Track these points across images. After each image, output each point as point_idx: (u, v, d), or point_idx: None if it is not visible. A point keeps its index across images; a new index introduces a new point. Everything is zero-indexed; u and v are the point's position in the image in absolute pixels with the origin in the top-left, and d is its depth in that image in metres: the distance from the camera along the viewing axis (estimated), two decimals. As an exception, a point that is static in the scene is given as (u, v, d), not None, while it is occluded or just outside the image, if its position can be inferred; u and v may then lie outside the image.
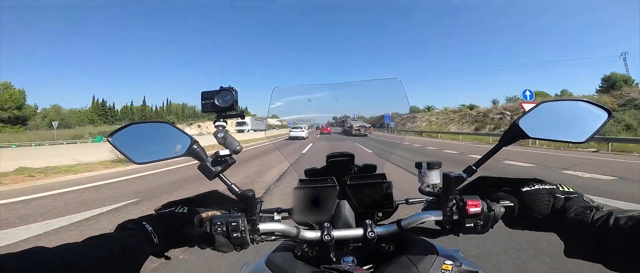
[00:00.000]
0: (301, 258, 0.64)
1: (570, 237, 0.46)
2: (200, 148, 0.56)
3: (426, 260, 0.57)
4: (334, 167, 0.77)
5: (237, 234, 0.52)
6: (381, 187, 0.71)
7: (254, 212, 0.54)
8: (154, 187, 5.69)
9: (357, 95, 0.94)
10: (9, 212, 4.10)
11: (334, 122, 2.31)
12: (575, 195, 0.51)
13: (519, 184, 0.57)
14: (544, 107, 0.56)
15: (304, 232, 0.59)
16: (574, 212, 0.47)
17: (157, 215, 0.55)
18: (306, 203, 0.68)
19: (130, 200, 4.57)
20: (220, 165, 0.56)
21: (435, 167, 0.65)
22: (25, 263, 0.33)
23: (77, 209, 4.13)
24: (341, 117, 2.17)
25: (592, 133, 0.53)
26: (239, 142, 0.57)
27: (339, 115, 1.45)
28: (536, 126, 0.54)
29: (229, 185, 0.56)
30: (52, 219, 3.69)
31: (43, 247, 0.36)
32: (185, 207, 0.58)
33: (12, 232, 3.27)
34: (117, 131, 0.56)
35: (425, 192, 0.64)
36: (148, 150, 0.57)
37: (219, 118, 0.59)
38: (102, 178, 6.69)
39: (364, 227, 0.60)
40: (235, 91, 0.59)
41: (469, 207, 0.52)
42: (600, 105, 0.55)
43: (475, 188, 0.60)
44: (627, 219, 0.40)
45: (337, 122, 2.36)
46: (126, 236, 0.46)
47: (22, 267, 0.32)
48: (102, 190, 5.42)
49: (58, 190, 5.47)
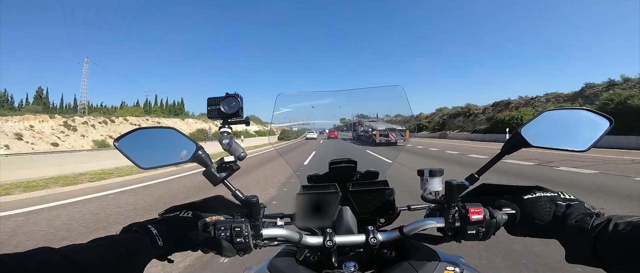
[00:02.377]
0: (303, 263, 0.64)
1: (570, 243, 0.47)
2: (205, 154, 0.56)
3: (428, 266, 0.57)
4: (337, 173, 0.77)
5: (240, 239, 0.52)
6: (383, 193, 0.71)
7: (257, 217, 0.54)
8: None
9: (359, 101, 0.95)
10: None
11: (344, 125, 1.70)
12: (576, 202, 0.52)
13: (520, 192, 0.57)
14: (546, 115, 0.57)
15: (306, 238, 0.60)
16: (574, 219, 0.47)
17: (162, 219, 0.55)
18: (309, 209, 0.69)
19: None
20: (225, 171, 0.57)
21: (437, 174, 0.65)
22: (31, 263, 0.33)
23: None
24: (353, 119, 1.66)
25: (593, 141, 0.54)
26: (244, 149, 0.58)
27: (348, 116, 1.28)
28: (538, 135, 0.55)
29: (233, 190, 0.56)
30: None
31: (48, 248, 0.37)
32: (190, 211, 0.59)
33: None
34: (123, 136, 0.57)
35: (428, 199, 0.65)
36: (154, 155, 0.58)
37: (225, 124, 0.60)
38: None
39: (367, 233, 0.60)
40: (240, 97, 0.59)
41: (471, 214, 0.52)
42: (601, 113, 0.55)
43: (477, 196, 0.61)
44: (625, 225, 0.41)
45: (347, 126, 1.74)
46: (131, 238, 0.46)
47: (28, 267, 0.33)
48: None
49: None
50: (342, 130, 2.17)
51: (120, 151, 0.56)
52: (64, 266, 0.35)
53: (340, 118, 1.15)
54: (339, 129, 2.15)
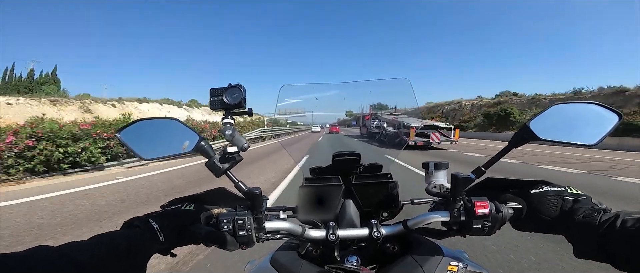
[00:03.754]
0: (305, 257, 0.64)
1: (578, 238, 0.47)
2: (208, 146, 0.56)
3: (432, 261, 0.56)
4: (340, 166, 0.77)
5: (243, 232, 0.52)
6: (387, 186, 0.70)
7: (260, 210, 0.53)
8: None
9: (364, 94, 0.94)
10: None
11: (352, 119, 1.93)
12: (583, 197, 0.51)
13: (527, 186, 0.56)
14: (555, 109, 0.56)
15: (309, 231, 0.59)
16: (581, 214, 0.47)
17: (163, 213, 0.55)
18: (311, 202, 0.68)
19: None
20: (228, 162, 0.56)
21: (442, 167, 0.64)
22: (30, 262, 0.33)
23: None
24: (361, 112, 1.58)
25: (602, 136, 0.53)
26: (247, 140, 0.57)
27: (355, 109, 1.27)
28: (547, 128, 0.54)
29: (235, 182, 0.56)
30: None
31: (47, 246, 0.36)
32: (192, 204, 0.58)
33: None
34: (125, 127, 0.56)
35: (433, 193, 0.64)
36: (156, 146, 0.57)
37: (227, 115, 0.59)
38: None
39: (370, 227, 0.60)
40: (243, 88, 0.59)
41: (477, 208, 0.52)
42: (611, 107, 0.54)
43: (482, 190, 0.60)
44: (634, 221, 0.41)
45: (355, 120, 1.91)
46: (132, 233, 0.46)
47: (27, 266, 0.32)
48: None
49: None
50: (349, 124, 2.22)
51: (121, 142, 0.55)
52: (62, 264, 0.35)
53: (345, 111, 1.14)
54: (345, 123, 2.19)
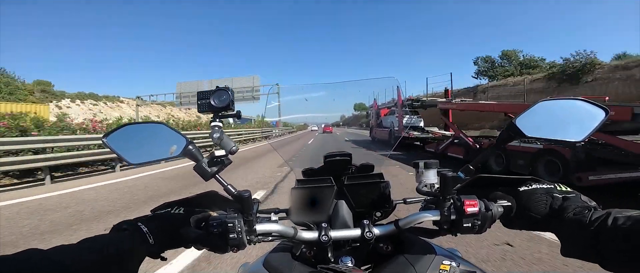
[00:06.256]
0: (299, 258, 0.63)
1: (568, 236, 0.46)
2: (195, 149, 0.55)
3: (424, 259, 0.57)
4: (332, 167, 0.77)
5: (233, 235, 0.52)
6: (379, 186, 0.70)
7: (250, 212, 0.53)
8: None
9: (354, 94, 0.94)
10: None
11: (354, 119, 2.13)
12: (573, 194, 0.51)
13: (516, 184, 0.56)
14: (542, 105, 0.56)
15: (301, 233, 0.59)
16: (572, 212, 0.47)
17: (153, 216, 0.55)
18: (304, 203, 0.68)
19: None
20: (216, 165, 0.56)
21: (432, 166, 0.64)
22: (18, 266, 0.32)
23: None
24: (371, 108, 1.44)
25: (588, 132, 0.53)
26: (235, 143, 0.57)
27: (343, 111, 1.15)
28: (533, 125, 0.54)
29: (225, 185, 0.55)
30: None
31: (37, 249, 0.36)
32: (182, 207, 0.58)
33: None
34: (112, 132, 0.56)
35: (423, 192, 0.64)
36: (143, 150, 0.57)
37: (215, 118, 0.59)
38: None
39: (362, 227, 0.59)
40: (231, 91, 0.58)
41: (467, 207, 0.52)
42: (597, 104, 0.54)
43: (473, 188, 0.60)
44: (625, 219, 0.40)
45: (362, 118, 1.98)
46: (121, 237, 0.46)
47: (15, 269, 0.32)
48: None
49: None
50: (337, 125, 2.45)
51: (108, 147, 0.55)
52: (52, 269, 0.35)
53: (340, 115, 1.14)
54: (346, 122, 2.43)
